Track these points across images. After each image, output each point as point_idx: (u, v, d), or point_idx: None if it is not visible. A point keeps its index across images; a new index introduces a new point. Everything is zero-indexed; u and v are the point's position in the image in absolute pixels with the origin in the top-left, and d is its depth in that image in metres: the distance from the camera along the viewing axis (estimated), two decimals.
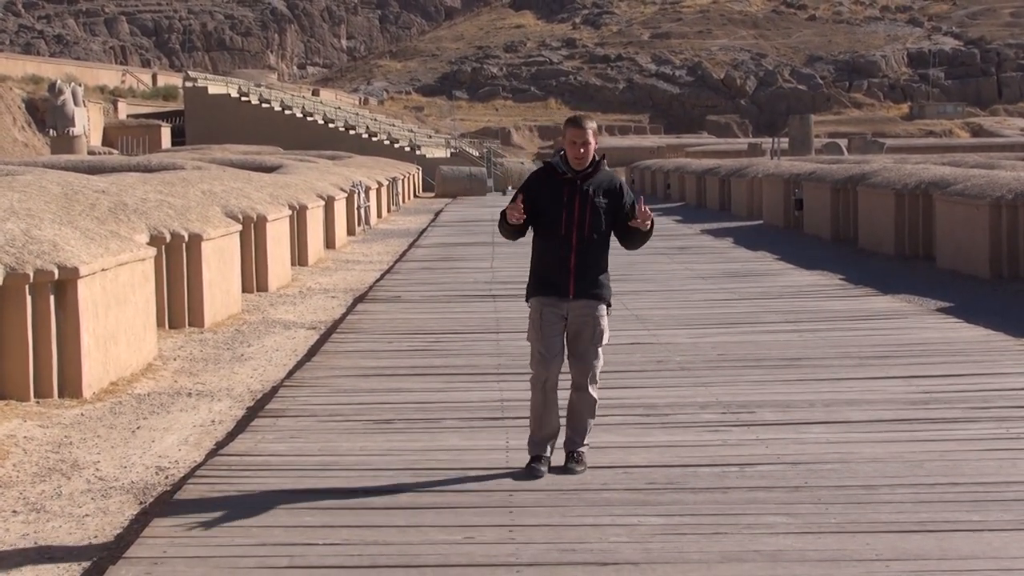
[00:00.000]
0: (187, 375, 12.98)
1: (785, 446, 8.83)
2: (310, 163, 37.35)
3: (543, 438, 8.23)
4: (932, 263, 22.81)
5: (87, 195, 15.27)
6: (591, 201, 8.11)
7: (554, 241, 8.12)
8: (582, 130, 8.12)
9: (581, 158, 8.11)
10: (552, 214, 8.12)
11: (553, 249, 8.14)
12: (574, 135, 8.13)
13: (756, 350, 13.08)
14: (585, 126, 8.13)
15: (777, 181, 34.76)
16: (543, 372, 8.15)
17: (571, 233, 8.09)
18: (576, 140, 8.11)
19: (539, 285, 8.22)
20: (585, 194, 8.11)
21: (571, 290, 8.11)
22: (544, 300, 8.17)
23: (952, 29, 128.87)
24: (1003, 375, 11.40)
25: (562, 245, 8.10)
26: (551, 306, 8.14)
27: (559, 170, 8.19)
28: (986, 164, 31.22)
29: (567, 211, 8.09)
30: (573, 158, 8.12)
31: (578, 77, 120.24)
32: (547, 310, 8.14)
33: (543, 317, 8.15)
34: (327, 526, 7.11)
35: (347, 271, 24.20)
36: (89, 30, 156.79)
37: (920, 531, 6.85)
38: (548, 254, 8.17)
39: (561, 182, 8.16)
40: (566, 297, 8.12)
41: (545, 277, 8.18)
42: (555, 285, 8.13)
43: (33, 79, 66.09)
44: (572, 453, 8.24)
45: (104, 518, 7.91)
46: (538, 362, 8.18)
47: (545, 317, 8.14)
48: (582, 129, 8.13)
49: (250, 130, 65.77)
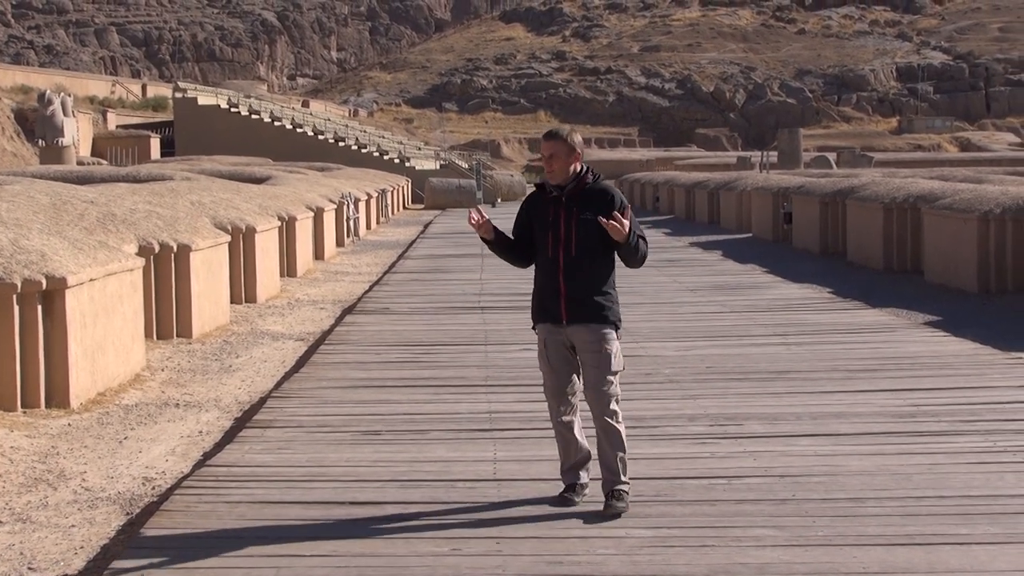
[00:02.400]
0: (175, 386, 12.95)
1: (773, 459, 8.83)
2: (299, 174, 37.37)
3: (572, 466, 7.76)
4: (920, 277, 22.85)
5: (76, 205, 15.25)
6: (576, 218, 7.61)
7: (544, 264, 7.69)
8: (548, 142, 7.71)
9: (551, 172, 7.68)
10: (542, 235, 7.70)
11: (544, 272, 7.69)
12: (542, 148, 7.77)
13: (744, 363, 13.09)
14: (554, 137, 7.71)
15: (766, 194, 34.80)
16: (554, 403, 7.72)
17: (558, 254, 7.62)
18: (543, 153, 7.74)
19: (538, 311, 7.78)
20: (570, 211, 7.63)
21: (563, 315, 7.60)
22: (544, 328, 7.72)
23: (941, 44, 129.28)
24: (990, 388, 11.41)
25: (551, 267, 7.65)
26: (552, 333, 7.67)
27: (546, 189, 7.78)
28: (974, 178, 31.30)
29: (552, 231, 7.64)
30: (546, 173, 7.72)
31: (568, 89, 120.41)
32: (550, 338, 7.68)
33: (547, 346, 7.69)
34: (314, 537, 7.10)
35: (336, 282, 24.18)
36: (79, 41, 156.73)
37: (907, 544, 6.85)
38: (541, 278, 7.73)
39: (548, 201, 7.73)
40: (559, 322, 7.62)
41: (540, 303, 7.75)
42: (549, 311, 7.67)
43: (22, 89, 66.00)
44: (612, 492, 7.59)
45: (90, 529, 7.88)
46: (550, 393, 7.74)
47: (549, 346, 7.69)
48: (549, 140, 7.71)
49: (239, 141, 65.73)
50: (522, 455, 9.00)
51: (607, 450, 7.61)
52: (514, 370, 12.77)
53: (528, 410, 10.61)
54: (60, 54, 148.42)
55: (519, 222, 7.86)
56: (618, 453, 7.60)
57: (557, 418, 7.70)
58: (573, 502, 7.63)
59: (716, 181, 44.28)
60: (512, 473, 8.50)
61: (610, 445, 7.60)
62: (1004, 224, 20.14)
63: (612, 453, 7.59)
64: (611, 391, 7.57)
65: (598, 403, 7.58)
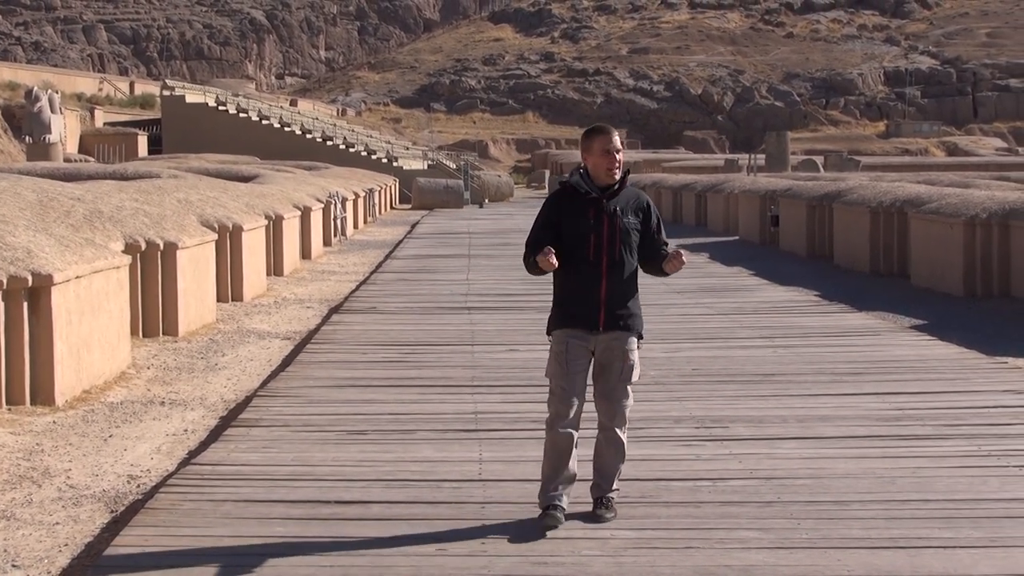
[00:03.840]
0: (160, 384, 12.94)
1: (758, 461, 8.84)
2: (287, 173, 37.34)
3: (557, 486, 7.34)
4: (906, 280, 22.90)
5: (62, 202, 15.22)
6: (620, 221, 7.32)
7: (581, 268, 7.30)
8: (610, 136, 7.36)
9: (614, 169, 7.34)
10: (578, 238, 7.30)
11: (581, 277, 7.31)
12: (605, 142, 7.34)
13: (730, 365, 13.11)
14: (613, 132, 7.40)
15: (753, 197, 34.85)
16: (564, 411, 7.30)
17: (600, 258, 7.28)
18: (609, 148, 7.33)
19: (565, 317, 7.38)
20: (613, 214, 7.32)
21: (601, 321, 7.31)
22: (571, 333, 7.34)
23: (929, 48, 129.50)
24: (975, 393, 11.44)
25: (591, 272, 7.29)
26: (578, 339, 7.34)
27: (581, 189, 7.37)
28: (961, 183, 31.38)
29: (595, 234, 7.27)
30: (605, 170, 7.33)
31: (556, 91, 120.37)
32: (573, 343, 7.33)
33: (569, 351, 7.33)
34: (299, 536, 7.10)
35: (323, 281, 24.17)
36: (67, 37, 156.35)
37: (891, 547, 6.87)
38: (575, 282, 7.33)
39: (586, 202, 7.34)
40: (595, 330, 7.32)
41: (572, 308, 7.35)
42: (583, 316, 7.31)
43: (10, 85, 65.86)
44: (601, 499, 7.42)
45: (75, 526, 7.87)
46: (559, 400, 7.33)
47: (571, 351, 7.33)
48: (610, 135, 7.36)
49: (227, 139, 65.59)
50: (508, 456, 9.01)
51: (610, 459, 7.45)
52: (500, 371, 12.78)
53: (514, 411, 10.62)
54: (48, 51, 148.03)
55: (548, 224, 7.39)
56: (619, 464, 7.49)
57: (558, 428, 7.31)
58: (559, 520, 7.22)
59: (703, 183, 44.32)
60: (498, 473, 8.51)
61: (615, 454, 7.46)
62: (990, 228, 20.19)
63: (614, 463, 7.46)
64: (628, 402, 7.45)
65: (612, 413, 7.40)
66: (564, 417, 7.30)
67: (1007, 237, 20.00)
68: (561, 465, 7.34)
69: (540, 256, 7.18)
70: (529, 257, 7.37)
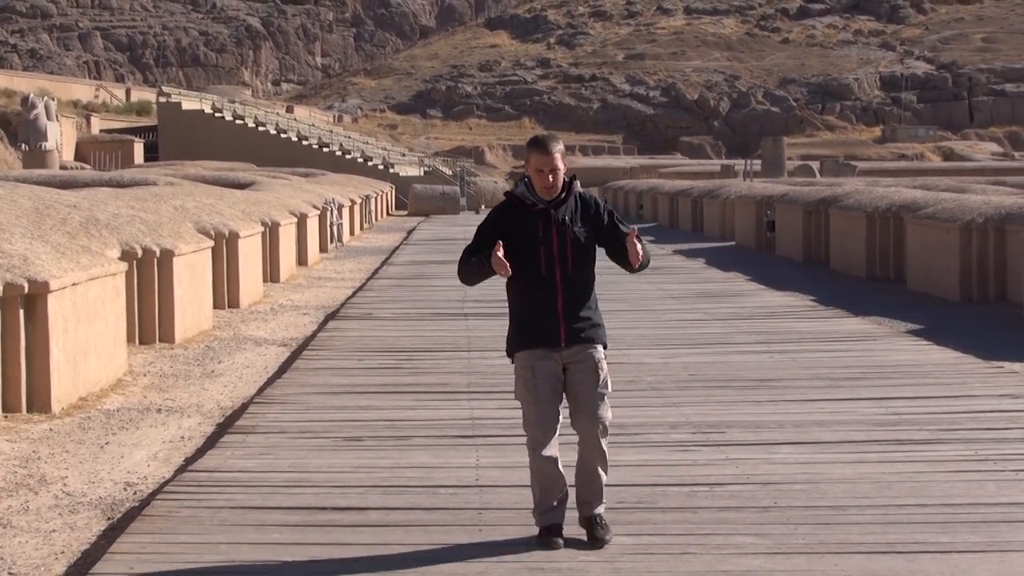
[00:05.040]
0: (157, 391, 12.93)
1: (755, 466, 8.84)
2: (283, 180, 37.34)
3: (554, 506, 7.05)
4: (903, 285, 22.91)
5: (59, 209, 15.22)
6: (570, 231, 6.98)
7: (534, 283, 6.98)
8: (548, 156, 6.96)
9: (550, 187, 6.99)
10: (528, 252, 6.95)
11: (535, 293, 6.99)
12: (540, 162, 6.97)
13: (727, 370, 13.11)
14: (552, 149, 6.95)
15: (749, 203, 34.87)
16: (541, 438, 6.94)
17: (553, 272, 6.96)
18: (543, 167, 6.97)
19: (524, 337, 7.04)
20: (562, 224, 6.98)
21: (562, 337, 6.96)
22: (534, 354, 6.99)
23: (924, 53, 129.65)
24: (972, 397, 11.45)
25: (544, 287, 6.97)
26: (543, 359, 6.97)
27: (527, 201, 7.03)
28: (957, 188, 31.39)
29: (544, 247, 6.95)
30: (542, 188, 6.99)
31: (552, 97, 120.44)
32: (539, 365, 6.97)
33: (536, 374, 6.97)
34: (296, 543, 7.09)
35: (319, 288, 24.16)
36: (63, 45, 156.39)
37: (888, 552, 6.87)
38: (530, 299, 7.01)
39: (533, 215, 7.01)
40: (557, 346, 6.96)
41: (530, 327, 7.01)
42: (543, 334, 6.97)
43: (6, 93, 65.89)
44: (592, 518, 7.04)
45: (71, 534, 7.86)
46: (535, 427, 6.97)
47: (539, 374, 6.97)
48: (548, 154, 6.96)
49: (223, 146, 65.62)
50: (504, 461, 9.00)
51: (597, 475, 7.06)
52: (497, 376, 12.76)
53: (511, 416, 10.59)
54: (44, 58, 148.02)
55: (486, 237, 7.04)
56: (605, 476, 7.12)
57: (540, 452, 6.96)
58: (557, 544, 6.94)
59: (700, 189, 44.37)
60: (494, 480, 8.51)
61: (599, 467, 7.06)
62: (986, 233, 20.20)
63: (599, 476, 7.07)
64: (607, 413, 7.05)
65: (592, 426, 6.99)
66: (544, 444, 6.95)
67: (1003, 242, 20.02)
68: (553, 488, 7.03)
69: (491, 253, 6.87)
70: (470, 259, 7.05)
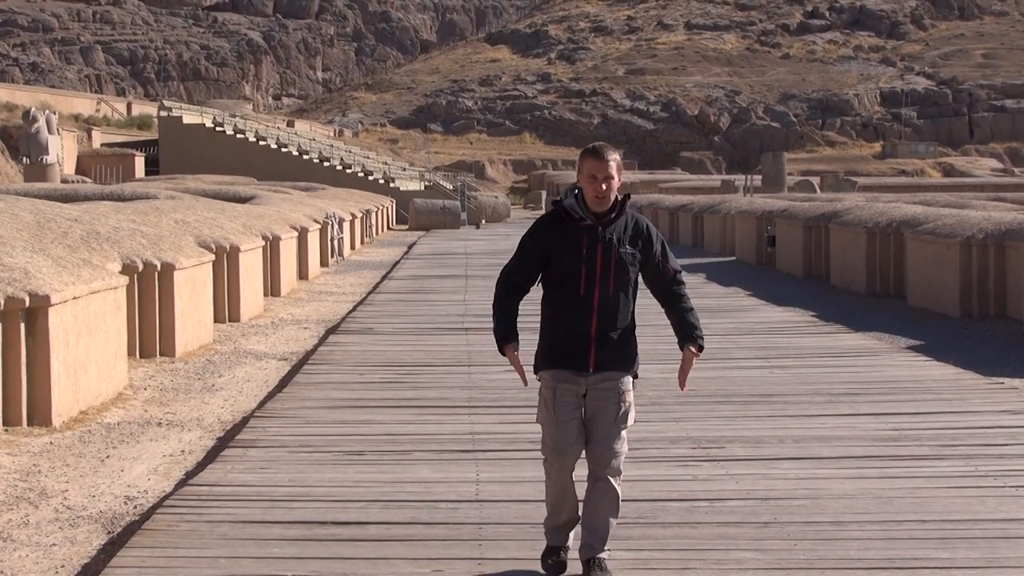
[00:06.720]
0: (157, 405, 12.93)
1: (755, 482, 8.84)
2: (284, 194, 37.36)
3: (564, 525, 6.82)
4: (903, 301, 22.91)
5: (60, 223, 15.24)
6: (615, 252, 6.67)
7: (571, 302, 6.66)
8: (603, 161, 6.63)
9: (602, 197, 6.63)
10: (568, 269, 6.64)
11: (569, 312, 6.66)
12: (594, 167, 6.63)
13: (727, 386, 13.11)
14: (607, 156, 6.63)
15: (750, 218, 34.89)
16: (556, 461, 6.67)
17: (592, 292, 6.63)
18: (596, 174, 6.62)
19: (552, 356, 6.71)
20: (608, 244, 6.66)
21: (591, 362, 6.65)
22: (558, 375, 6.67)
23: (924, 69, 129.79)
24: (972, 413, 11.45)
25: (581, 307, 6.64)
26: (566, 382, 6.65)
27: (575, 215, 6.69)
28: (957, 204, 31.41)
29: (587, 266, 6.62)
30: (593, 197, 6.63)
31: (553, 111, 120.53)
32: (562, 387, 6.65)
33: (557, 396, 6.64)
34: (296, 557, 7.09)
35: (320, 302, 24.17)
36: (64, 58, 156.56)
37: (889, 568, 6.87)
38: (563, 318, 6.69)
39: (579, 229, 6.68)
40: (584, 371, 6.65)
41: (559, 346, 6.69)
42: (571, 356, 6.65)
43: (7, 106, 65.90)
44: (592, 561, 6.64)
45: (72, 548, 7.86)
46: (551, 451, 6.68)
47: (560, 396, 6.64)
48: (603, 160, 6.63)
49: (224, 160, 65.64)
50: (505, 476, 9.01)
51: (601, 512, 6.68)
52: (497, 391, 12.78)
53: (511, 431, 10.62)
54: (45, 72, 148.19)
55: (534, 254, 6.76)
56: (611, 518, 6.72)
57: (553, 478, 6.74)
58: (566, 566, 6.75)
59: (700, 204, 44.36)
60: (495, 494, 8.51)
61: (607, 507, 6.68)
62: (986, 249, 20.22)
63: (605, 517, 6.68)
64: (623, 448, 6.73)
65: (605, 460, 6.66)
66: (560, 467, 6.69)
67: (1003, 258, 20.03)
68: (566, 504, 6.79)
69: (508, 351, 6.69)
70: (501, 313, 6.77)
